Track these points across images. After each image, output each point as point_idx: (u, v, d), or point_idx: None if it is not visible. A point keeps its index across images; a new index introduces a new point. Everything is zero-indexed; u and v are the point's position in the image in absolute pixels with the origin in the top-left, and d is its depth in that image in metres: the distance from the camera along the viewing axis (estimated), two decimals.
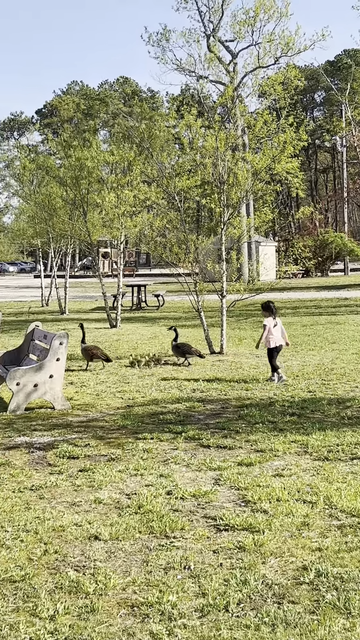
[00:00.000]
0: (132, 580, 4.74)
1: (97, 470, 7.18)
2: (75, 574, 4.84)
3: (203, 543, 5.34)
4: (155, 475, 7.01)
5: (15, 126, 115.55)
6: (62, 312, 28.00)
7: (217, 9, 46.75)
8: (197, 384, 12.04)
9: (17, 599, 4.51)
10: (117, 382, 12.48)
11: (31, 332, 12.07)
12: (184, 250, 15.81)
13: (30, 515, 5.96)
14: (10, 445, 8.34)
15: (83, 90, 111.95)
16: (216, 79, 44.49)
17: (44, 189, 27.66)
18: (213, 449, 7.95)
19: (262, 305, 12.84)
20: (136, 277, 59.96)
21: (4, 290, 51.02)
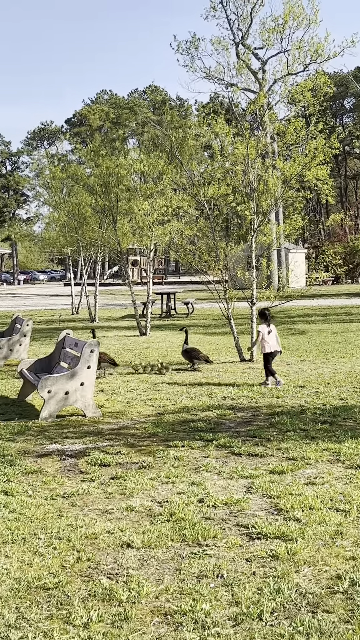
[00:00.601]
0: (165, 589, 4.73)
1: (129, 477, 7.18)
2: (108, 582, 4.84)
3: (236, 551, 5.32)
4: (186, 483, 7.00)
5: (45, 135, 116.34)
6: (92, 320, 28.10)
7: (245, 17, 46.79)
8: (227, 391, 12.02)
9: (50, 607, 4.52)
10: (148, 389, 12.49)
11: (62, 340, 12.12)
12: (214, 258, 15.81)
13: (62, 522, 5.97)
14: (43, 452, 8.38)
15: (112, 99, 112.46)
16: (245, 86, 44.54)
17: (73, 198, 27.82)
18: (244, 457, 7.93)
19: (259, 313, 13.22)
20: (165, 285, 60.04)
21: (34, 299, 51.33)
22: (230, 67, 43.60)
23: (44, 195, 37.37)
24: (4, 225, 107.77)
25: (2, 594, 4.70)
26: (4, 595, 4.68)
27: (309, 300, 34.62)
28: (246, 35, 47.06)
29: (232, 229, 22.26)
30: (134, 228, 23.41)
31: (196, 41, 44.82)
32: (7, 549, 5.44)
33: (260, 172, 15.11)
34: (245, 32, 47.01)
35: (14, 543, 5.56)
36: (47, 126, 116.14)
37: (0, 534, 5.74)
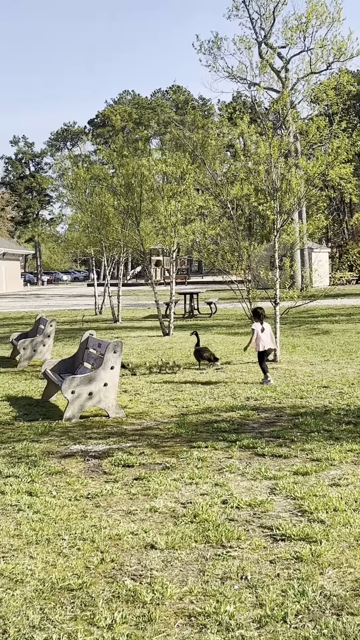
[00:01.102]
0: (189, 590, 4.72)
1: (152, 478, 7.18)
2: (132, 583, 4.85)
3: (260, 553, 5.31)
4: (210, 484, 6.99)
5: (68, 136, 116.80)
6: (115, 320, 28.14)
7: (268, 16, 46.62)
8: (251, 391, 11.99)
9: (74, 608, 4.53)
10: (171, 390, 12.49)
11: (85, 340, 12.16)
12: (237, 258, 15.78)
13: (86, 523, 5.99)
14: (66, 453, 8.40)
15: (135, 99, 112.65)
16: (268, 85, 44.39)
17: (96, 198, 27.87)
18: (268, 458, 7.90)
19: (252, 312, 13.47)
20: (188, 285, 60.03)
21: (58, 299, 51.54)
22: (252, 67, 43.51)
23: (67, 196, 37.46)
24: (27, 226, 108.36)
25: (27, 594, 4.72)
26: (28, 596, 4.70)
27: (333, 300, 34.46)
28: (269, 34, 46.91)
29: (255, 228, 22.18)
30: (157, 228, 23.40)
31: (218, 41, 44.75)
32: (31, 550, 5.46)
33: (284, 172, 15.06)
34: (268, 31, 46.86)
35: (38, 544, 5.58)
36: (70, 127, 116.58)
37: (24, 535, 5.77)
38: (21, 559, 5.31)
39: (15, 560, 5.29)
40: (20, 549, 5.50)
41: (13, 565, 5.18)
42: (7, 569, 5.13)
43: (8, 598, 4.66)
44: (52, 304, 44.57)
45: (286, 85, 43.76)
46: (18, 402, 11.75)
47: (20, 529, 5.89)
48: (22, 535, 5.76)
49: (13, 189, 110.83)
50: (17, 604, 4.58)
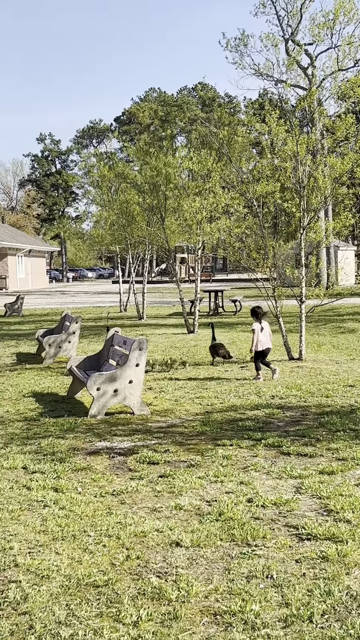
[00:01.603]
0: (214, 588, 4.72)
1: (177, 476, 7.19)
2: (157, 581, 4.85)
3: (285, 552, 5.29)
4: (235, 482, 6.98)
5: (94, 134, 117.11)
6: (140, 317, 28.19)
7: (295, 13, 46.45)
8: (276, 390, 11.96)
9: (100, 604, 4.54)
10: (196, 387, 12.48)
11: (111, 337, 12.18)
12: (263, 256, 15.73)
13: (112, 520, 6.00)
14: (92, 450, 8.43)
15: (161, 97, 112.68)
16: (294, 82, 44.22)
17: (122, 196, 27.91)
18: (293, 457, 7.87)
19: (251, 311, 13.69)
20: (213, 283, 59.98)
21: (83, 296, 51.72)
22: (279, 64, 43.39)
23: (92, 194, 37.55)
24: (53, 224, 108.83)
25: (53, 590, 4.74)
26: (54, 591, 4.72)
27: (359, 298, 34.28)
28: (296, 31, 46.72)
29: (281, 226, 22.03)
30: (182, 226, 23.38)
31: (245, 38, 44.64)
32: (57, 546, 5.49)
33: (311, 169, 14.98)
34: (295, 28, 46.67)
35: (64, 540, 5.61)
36: (96, 124, 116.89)
37: (50, 531, 5.79)
38: (47, 554, 5.34)
39: (41, 556, 5.32)
40: (46, 544, 5.53)
41: (39, 561, 5.20)
42: (33, 564, 5.15)
43: (34, 594, 4.68)
44: (77, 301, 44.74)
45: (313, 83, 43.55)
46: (44, 399, 11.81)
47: (46, 525, 5.92)
48: (48, 531, 5.79)
49: (39, 187, 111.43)
50: (43, 600, 4.60)
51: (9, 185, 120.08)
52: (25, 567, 5.11)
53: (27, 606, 4.53)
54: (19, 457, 8.06)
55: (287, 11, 46.73)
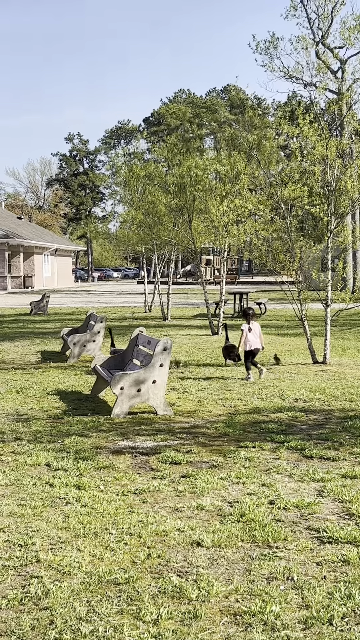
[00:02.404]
0: (234, 589, 4.73)
1: (199, 476, 7.20)
2: (178, 580, 4.87)
3: (306, 555, 5.29)
4: (257, 484, 6.98)
5: (122, 134, 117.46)
6: (164, 318, 28.23)
7: (326, 16, 46.29)
8: (299, 393, 11.94)
9: (121, 602, 4.56)
10: (219, 389, 12.49)
11: (135, 337, 12.22)
12: (289, 259, 15.69)
13: (133, 518, 6.03)
14: (114, 449, 8.46)
15: (190, 98, 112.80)
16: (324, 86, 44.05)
17: (149, 196, 27.96)
18: (316, 460, 7.86)
19: (242, 312, 14.01)
20: (238, 285, 59.90)
21: (108, 296, 51.89)
22: (309, 67, 43.25)
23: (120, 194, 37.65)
24: (80, 223, 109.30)
25: (74, 587, 4.77)
26: (75, 588, 4.75)
27: None
28: (326, 34, 46.58)
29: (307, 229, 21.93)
30: (209, 227, 23.38)
31: (275, 41, 44.57)
32: (79, 543, 5.52)
33: (340, 173, 14.93)
34: (326, 32, 46.53)
35: (85, 537, 5.64)
36: (124, 125, 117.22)
37: (72, 528, 5.83)
38: (69, 551, 5.37)
39: (63, 552, 5.35)
40: (68, 541, 5.57)
41: (61, 557, 5.24)
42: (55, 560, 5.19)
43: (55, 589, 4.71)
44: (102, 301, 44.89)
45: (342, 86, 43.41)
46: (67, 397, 11.87)
47: (69, 522, 5.95)
48: (70, 528, 5.83)
49: (67, 186, 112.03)
50: (64, 596, 4.63)
51: (36, 185, 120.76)
52: (47, 563, 5.15)
53: (48, 602, 4.56)
54: (42, 454, 8.11)
55: (318, 14, 46.59)
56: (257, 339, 13.52)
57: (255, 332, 13.50)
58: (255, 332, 13.50)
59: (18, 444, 8.63)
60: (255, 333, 13.51)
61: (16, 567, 5.12)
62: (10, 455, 8.13)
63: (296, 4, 45.80)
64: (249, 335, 13.43)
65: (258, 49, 45.13)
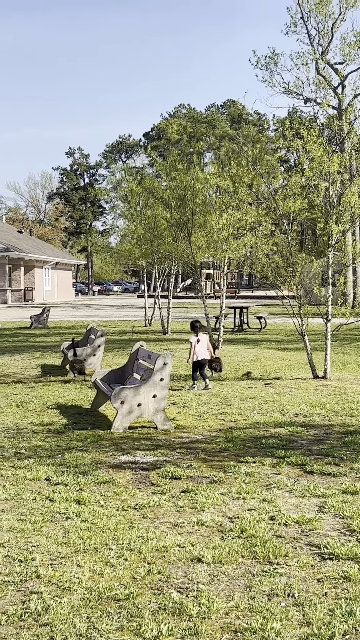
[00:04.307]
0: (235, 605, 4.70)
1: (200, 492, 7.18)
2: (178, 596, 4.84)
3: (307, 571, 5.27)
4: (257, 499, 6.96)
5: (123, 149, 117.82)
6: (164, 332, 28.22)
7: (326, 32, 46.53)
8: (300, 408, 11.92)
9: (121, 618, 4.54)
10: (219, 403, 12.48)
11: (136, 351, 12.22)
12: (290, 273, 15.70)
13: (133, 534, 6.01)
14: (114, 463, 8.44)
15: (190, 113, 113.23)
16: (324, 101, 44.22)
17: (149, 211, 28.00)
18: (317, 476, 7.84)
19: (190, 324, 14.76)
20: (238, 299, 59.93)
21: (108, 310, 51.90)
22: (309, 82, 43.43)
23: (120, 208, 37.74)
24: (80, 237, 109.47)
25: (74, 602, 4.74)
26: (75, 604, 4.73)
27: None
28: (326, 50, 46.81)
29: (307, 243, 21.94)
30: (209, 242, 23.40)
31: (275, 56, 44.77)
32: (79, 558, 5.50)
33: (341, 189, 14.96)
34: (326, 48, 46.76)
35: (85, 552, 5.62)
36: (125, 139, 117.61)
37: (72, 543, 5.81)
38: (69, 566, 5.35)
39: (63, 567, 5.33)
40: (68, 556, 5.54)
41: (61, 573, 5.22)
42: (55, 576, 5.17)
43: (55, 605, 4.69)
44: (102, 314, 44.89)
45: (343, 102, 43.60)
46: (67, 411, 11.85)
47: (69, 537, 5.93)
48: (70, 543, 5.81)
49: (67, 200, 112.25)
50: (64, 612, 4.61)
51: (37, 198, 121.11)
52: (47, 579, 5.13)
53: (48, 617, 4.54)
54: (42, 468, 8.09)
55: (318, 30, 46.82)
56: (205, 350, 14.20)
57: (202, 343, 14.18)
58: (202, 343, 14.18)
59: (18, 458, 8.62)
60: (203, 344, 14.19)
61: (16, 582, 5.09)
62: (10, 470, 8.11)
63: (296, 21, 46.04)
64: (197, 346, 14.08)
65: (258, 65, 45.32)
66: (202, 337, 14.30)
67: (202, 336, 14.32)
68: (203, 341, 14.23)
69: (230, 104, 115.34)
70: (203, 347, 14.18)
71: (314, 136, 14.88)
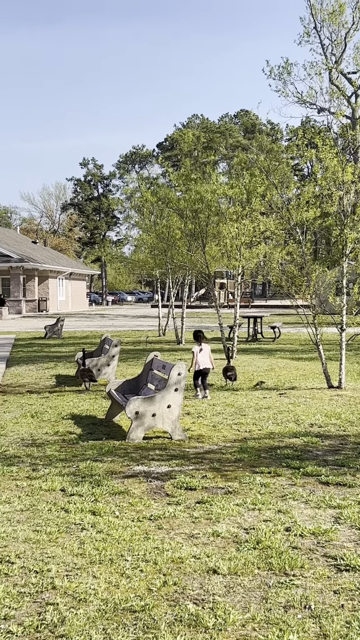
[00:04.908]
0: (251, 617, 4.69)
1: (215, 502, 7.16)
2: (194, 607, 4.83)
3: (323, 583, 5.24)
4: (273, 510, 6.94)
5: (136, 159, 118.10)
6: (178, 342, 28.21)
7: (339, 42, 46.60)
8: (315, 418, 11.88)
9: (137, 630, 4.53)
10: (234, 413, 12.46)
11: (150, 361, 12.22)
12: (305, 282, 15.67)
13: (149, 545, 6.00)
14: (129, 474, 8.44)
15: (203, 124, 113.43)
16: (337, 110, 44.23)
17: (163, 221, 28.03)
18: (332, 487, 7.81)
19: (193, 334, 15.10)
20: (252, 308, 59.87)
21: (122, 320, 51.93)
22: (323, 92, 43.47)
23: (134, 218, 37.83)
24: (94, 247, 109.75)
25: (90, 614, 4.74)
26: (91, 615, 4.72)
27: None
28: (340, 60, 46.85)
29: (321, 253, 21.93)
30: (222, 251, 23.39)
31: (289, 66, 44.84)
32: (94, 569, 5.50)
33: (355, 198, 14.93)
34: (339, 57, 46.81)
35: (101, 564, 5.62)
36: (138, 150, 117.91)
37: (87, 554, 5.80)
38: (84, 578, 5.35)
39: (79, 579, 5.33)
40: (83, 567, 5.54)
41: (76, 584, 5.22)
42: (70, 587, 5.17)
43: (72, 617, 4.69)
44: (116, 324, 44.93)
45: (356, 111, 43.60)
46: (82, 421, 11.86)
47: (84, 548, 5.93)
48: (85, 554, 5.80)
49: (81, 210, 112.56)
50: (80, 623, 4.61)
51: (51, 209, 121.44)
52: (63, 590, 5.13)
53: (64, 629, 4.54)
54: (57, 479, 8.10)
55: (332, 40, 46.88)
56: (208, 360, 14.37)
57: (205, 353, 14.37)
58: (205, 353, 14.37)
59: (33, 469, 8.63)
60: (205, 354, 14.37)
61: (32, 593, 5.10)
62: (26, 480, 8.12)
63: (309, 31, 46.12)
64: (199, 356, 14.28)
65: (272, 75, 45.40)
66: (205, 346, 14.48)
67: (205, 346, 14.50)
68: (205, 351, 14.43)
69: (243, 113, 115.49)
70: (205, 356, 14.37)
71: (328, 145, 14.87)
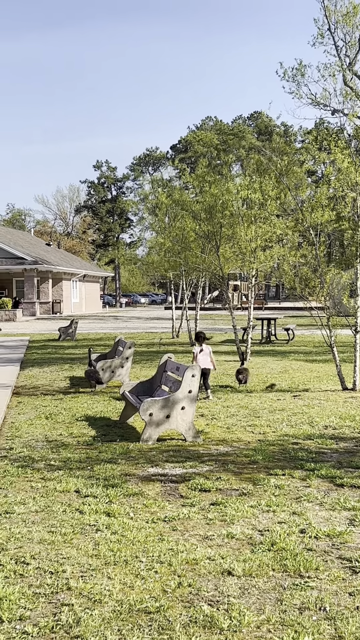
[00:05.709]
0: (266, 619, 4.68)
1: (229, 504, 7.16)
2: (209, 609, 4.83)
3: (338, 584, 5.23)
4: (287, 512, 6.93)
5: (150, 161, 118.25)
6: (192, 344, 28.17)
7: (354, 43, 46.47)
8: (329, 420, 11.86)
9: (152, 631, 4.54)
10: (248, 415, 12.45)
11: (164, 363, 12.23)
12: (319, 284, 15.65)
13: (163, 546, 6.00)
14: (143, 475, 8.45)
15: (217, 126, 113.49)
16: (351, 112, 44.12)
17: (177, 223, 28.04)
18: (347, 489, 7.79)
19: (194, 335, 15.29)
20: (266, 310, 59.81)
21: (135, 322, 51.99)
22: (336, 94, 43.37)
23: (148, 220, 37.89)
24: (108, 249, 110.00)
25: (105, 615, 4.75)
26: (106, 616, 4.73)
27: None
28: (354, 61, 46.75)
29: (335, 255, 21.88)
30: (236, 253, 23.38)
31: (302, 68, 44.74)
32: (109, 570, 5.51)
33: None
34: (353, 59, 46.70)
35: (116, 565, 5.63)
36: (152, 152, 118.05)
37: (102, 555, 5.82)
38: (99, 579, 5.36)
39: (94, 580, 5.34)
40: (98, 569, 5.56)
41: (91, 585, 5.23)
42: (85, 588, 5.18)
43: (87, 617, 4.70)
44: (130, 326, 44.99)
45: None
46: (96, 423, 11.89)
47: (99, 549, 5.95)
48: (100, 556, 5.82)
49: (95, 213, 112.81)
50: (95, 624, 4.62)
51: (65, 211, 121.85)
52: (78, 591, 5.15)
53: (79, 630, 4.55)
54: (72, 480, 8.12)
55: (345, 42, 46.75)
56: (208, 361, 14.47)
57: (205, 353, 14.50)
58: (205, 353, 14.50)
59: (48, 470, 8.65)
60: (206, 355, 14.50)
61: (47, 594, 5.11)
62: (40, 482, 8.15)
63: (323, 32, 46.00)
64: (199, 356, 14.38)
65: (285, 77, 45.30)
66: (205, 347, 14.61)
67: (205, 347, 14.62)
68: (206, 351, 14.55)
69: (257, 115, 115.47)
70: (206, 357, 14.47)
71: (341, 147, 14.84)
